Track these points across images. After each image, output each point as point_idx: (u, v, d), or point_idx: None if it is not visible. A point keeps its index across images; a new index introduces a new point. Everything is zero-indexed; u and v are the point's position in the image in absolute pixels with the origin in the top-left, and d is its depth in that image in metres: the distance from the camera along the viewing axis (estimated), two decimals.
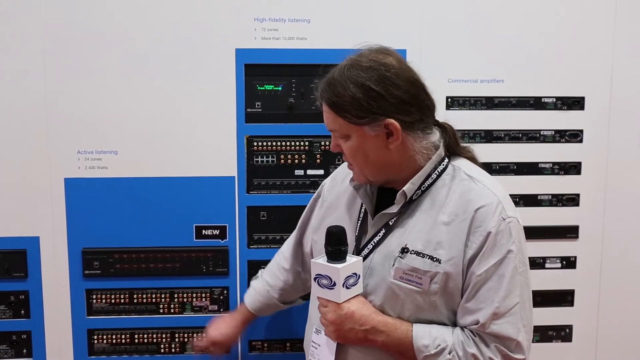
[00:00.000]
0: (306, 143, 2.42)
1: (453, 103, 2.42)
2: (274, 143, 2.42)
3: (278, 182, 2.43)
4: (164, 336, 2.45)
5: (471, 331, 1.61)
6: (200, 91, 2.35)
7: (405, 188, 1.64)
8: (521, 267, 1.60)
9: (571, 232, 2.49)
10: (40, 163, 2.33)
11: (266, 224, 2.45)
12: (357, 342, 1.67)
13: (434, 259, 1.61)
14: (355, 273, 1.64)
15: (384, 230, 1.69)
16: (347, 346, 1.71)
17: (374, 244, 1.70)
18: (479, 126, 2.44)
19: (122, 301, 2.42)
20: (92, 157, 2.35)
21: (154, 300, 2.43)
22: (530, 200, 2.47)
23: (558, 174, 2.47)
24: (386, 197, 1.73)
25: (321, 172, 2.43)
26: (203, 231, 2.41)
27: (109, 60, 2.31)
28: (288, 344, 2.51)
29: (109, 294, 2.41)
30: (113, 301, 2.42)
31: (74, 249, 2.37)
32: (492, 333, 1.57)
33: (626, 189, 2.49)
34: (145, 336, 2.44)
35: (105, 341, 2.43)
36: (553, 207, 2.48)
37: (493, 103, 2.43)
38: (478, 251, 1.58)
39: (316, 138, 2.42)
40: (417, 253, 1.62)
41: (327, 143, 2.39)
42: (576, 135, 2.45)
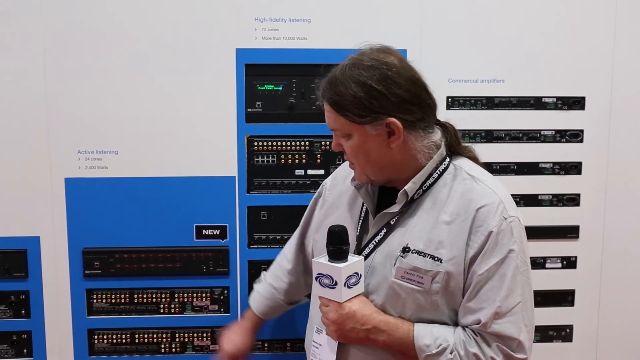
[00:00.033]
0: (306, 143, 2.42)
1: (453, 103, 2.42)
2: (275, 143, 2.41)
3: (278, 182, 2.43)
4: (165, 336, 2.45)
5: (473, 331, 1.61)
6: (200, 91, 2.35)
7: (406, 187, 1.64)
8: (523, 267, 1.60)
9: (572, 232, 2.49)
10: (40, 163, 2.33)
11: (266, 224, 2.45)
12: (359, 342, 1.67)
13: (435, 259, 1.61)
14: (356, 272, 1.64)
15: (385, 229, 1.69)
16: (349, 346, 1.71)
17: (375, 244, 1.70)
18: (480, 126, 2.44)
19: (123, 301, 2.42)
20: (93, 157, 2.35)
21: (155, 300, 2.43)
22: (530, 200, 2.47)
23: (558, 174, 2.46)
24: (387, 197, 1.72)
25: (321, 172, 2.43)
26: (203, 231, 2.41)
27: (110, 60, 2.31)
28: (288, 344, 2.51)
29: (110, 294, 2.41)
30: (113, 301, 2.41)
31: (75, 249, 2.37)
32: (494, 332, 1.57)
33: (627, 189, 2.48)
34: (145, 336, 2.44)
35: (105, 341, 2.43)
36: (553, 207, 2.48)
37: (493, 103, 2.43)
38: (479, 250, 1.58)
39: (317, 138, 2.42)
40: (419, 252, 1.62)
41: (328, 143, 2.40)
42: (577, 135, 2.45)
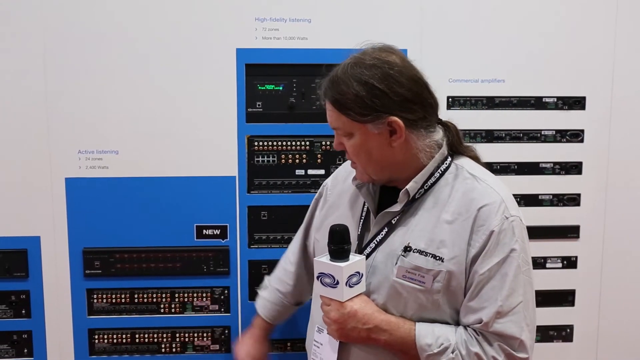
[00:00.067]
0: (307, 143, 2.42)
1: (454, 103, 2.42)
2: (275, 143, 2.41)
3: (279, 182, 2.43)
4: (165, 336, 2.45)
5: (474, 330, 1.61)
6: (201, 91, 2.35)
7: (408, 186, 1.64)
8: (524, 266, 1.60)
9: (572, 232, 2.49)
10: (41, 163, 2.33)
11: (267, 224, 2.44)
12: (360, 341, 1.67)
13: (437, 258, 1.61)
14: (358, 272, 1.64)
15: (387, 228, 1.69)
16: (350, 345, 1.71)
17: (377, 243, 1.70)
18: (480, 126, 2.44)
19: (123, 301, 2.42)
20: (93, 157, 2.34)
21: (155, 300, 2.43)
22: (531, 200, 2.47)
23: (559, 174, 2.47)
24: (388, 196, 1.73)
25: (322, 172, 2.43)
26: (204, 231, 2.41)
27: (110, 60, 2.31)
28: (289, 344, 2.50)
29: (110, 294, 2.41)
30: (114, 301, 2.41)
31: (75, 249, 2.37)
32: (496, 332, 1.57)
33: (627, 189, 2.48)
34: (146, 336, 2.44)
35: (106, 341, 2.43)
36: (554, 207, 2.48)
37: (494, 103, 2.43)
38: (481, 250, 1.58)
39: (317, 138, 2.42)
40: (420, 252, 1.62)
41: (328, 143, 2.40)
42: (577, 135, 2.45)
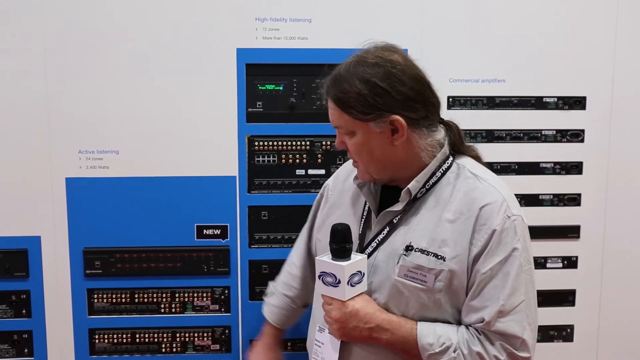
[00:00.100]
0: (307, 143, 2.42)
1: (454, 103, 2.42)
2: (275, 143, 2.41)
3: (279, 182, 2.43)
4: (165, 336, 2.44)
5: (476, 329, 1.60)
6: (201, 91, 2.35)
7: (410, 186, 1.64)
8: (526, 265, 1.60)
9: (572, 232, 2.49)
10: (41, 163, 2.32)
11: (267, 224, 2.44)
12: (362, 340, 1.67)
13: (439, 257, 1.60)
14: (359, 271, 1.64)
15: (388, 228, 1.69)
16: (351, 344, 1.71)
17: (378, 242, 1.70)
18: (480, 126, 2.44)
19: (123, 301, 2.42)
20: (94, 157, 2.34)
21: (155, 299, 2.43)
22: (531, 200, 2.46)
23: (559, 174, 2.47)
24: (390, 195, 1.73)
25: (322, 172, 2.43)
26: (204, 231, 2.41)
27: (110, 60, 2.31)
28: (289, 344, 2.50)
29: (110, 294, 2.41)
30: (114, 301, 2.41)
31: (75, 249, 2.37)
32: (497, 331, 1.57)
33: (627, 189, 2.48)
34: (146, 336, 2.44)
35: (106, 341, 2.42)
36: (554, 207, 2.48)
37: (494, 103, 2.43)
38: (483, 249, 1.58)
39: (317, 138, 2.42)
40: (422, 251, 1.62)
41: (329, 143, 2.40)
42: (577, 135, 2.45)
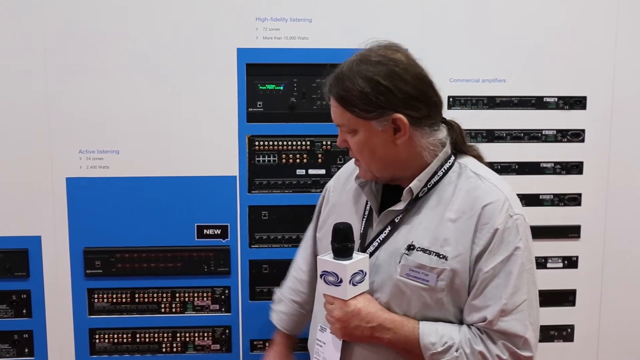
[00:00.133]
0: (308, 142, 2.42)
1: (455, 103, 2.42)
2: (276, 142, 2.41)
3: (279, 182, 2.43)
4: (166, 336, 2.44)
5: (478, 329, 1.60)
6: (201, 91, 2.35)
7: (412, 185, 1.64)
8: (528, 265, 1.59)
9: (573, 232, 2.49)
10: (42, 163, 2.32)
11: (267, 224, 2.44)
12: (364, 340, 1.67)
13: (441, 256, 1.60)
14: (361, 270, 1.64)
15: (390, 227, 1.69)
16: (353, 344, 1.71)
17: (380, 242, 1.70)
18: (481, 126, 2.44)
19: (124, 301, 2.41)
20: (94, 157, 2.34)
21: (156, 299, 2.43)
22: (532, 200, 2.46)
23: (560, 174, 2.47)
24: (391, 195, 1.73)
25: (322, 172, 2.43)
26: (204, 231, 2.41)
27: (111, 60, 2.31)
28: None
29: (111, 294, 2.41)
30: (114, 300, 2.41)
31: (76, 249, 2.37)
32: (500, 330, 1.57)
33: (628, 189, 2.48)
34: (146, 335, 2.44)
35: (106, 340, 2.42)
36: (555, 207, 2.48)
37: (495, 103, 2.43)
38: (485, 248, 1.58)
39: (318, 138, 2.42)
40: (424, 250, 1.62)
41: (329, 142, 2.40)
42: (578, 134, 2.45)
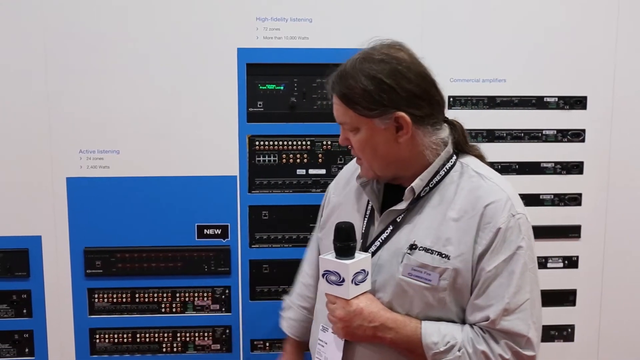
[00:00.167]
0: (308, 142, 2.42)
1: (455, 102, 2.42)
2: (276, 142, 2.41)
3: (280, 182, 2.43)
4: (166, 335, 2.44)
5: (481, 328, 1.60)
6: (202, 91, 2.35)
7: (413, 184, 1.63)
8: (530, 264, 1.59)
9: (573, 232, 2.49)
10: (42, 162, 2.33)
11: (268, 224, 2.44)
12: (366, 339, 1.66)
13: (443, 255, 1.60)
14: (363, 269, 1.63)
15: (392, 227, 1.69)
16: (355, 343, 1.70)
17: (382, 241, 1.69)
18: (481, 126, 2.44)
19: (124, 300, 2.42)
20: (94, 157, 2.34)
21: (156, 299, 2.43)
22: (532, 199, 2.46)
23: (560, 174, 2.47)
24: (393, 194, 1.72)
25: (323, 172, 2.43)
26: (205, 230, 2.41)
27: (111, 60, 2.32)
28: None
29: (111, 293, 2.41)
30: (115, 300, 2.41)
31: (76, 248, 2.37)
32: (502, 329, 1.57)
33: (628, 189, 2.49)
34: (147, 335, 2.44)
35: (107, 340, 2.42)
36: (555, 207, 2.49)
37: (495, 102, 2.43)
38: (488, 247, 1.58)
39: (318, 137, 2.42)
40: (426, 249, 1.62)
41: (329, 142, 2.40)
42: (578, 134, 2.45)
